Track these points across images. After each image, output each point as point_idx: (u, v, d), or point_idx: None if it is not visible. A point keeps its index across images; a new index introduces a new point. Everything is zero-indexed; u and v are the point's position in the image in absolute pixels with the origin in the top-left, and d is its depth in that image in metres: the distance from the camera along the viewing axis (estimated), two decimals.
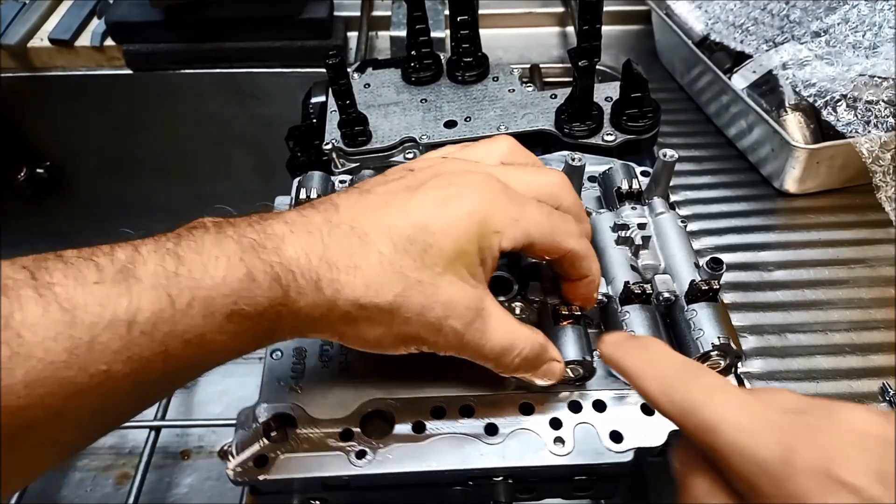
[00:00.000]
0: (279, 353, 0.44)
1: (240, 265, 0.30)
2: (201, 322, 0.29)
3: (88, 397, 0.28)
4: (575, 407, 0.41)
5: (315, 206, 0.34)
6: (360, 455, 0.39)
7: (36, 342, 0.26)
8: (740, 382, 0.43)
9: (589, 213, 0.49)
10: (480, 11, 0.71)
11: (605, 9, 0.52)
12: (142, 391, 0.30)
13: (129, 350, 0.28)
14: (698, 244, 0.59)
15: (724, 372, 0.42)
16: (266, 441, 0.39)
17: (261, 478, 0.38)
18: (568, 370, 0.41)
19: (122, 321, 0.28)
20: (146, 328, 0.28)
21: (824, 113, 0.61)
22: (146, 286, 0.28)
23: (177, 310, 0.29)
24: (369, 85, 0.65)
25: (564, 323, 0.42)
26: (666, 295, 0.43)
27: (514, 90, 0.63)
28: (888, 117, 0.59)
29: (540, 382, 0.38)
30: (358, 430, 0.40)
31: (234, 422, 0.40)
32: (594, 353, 0.43)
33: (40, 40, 0.87)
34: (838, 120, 0.60)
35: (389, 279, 0.32)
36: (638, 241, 0.45)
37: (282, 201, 0.51)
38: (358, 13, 0.89)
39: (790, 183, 0.63)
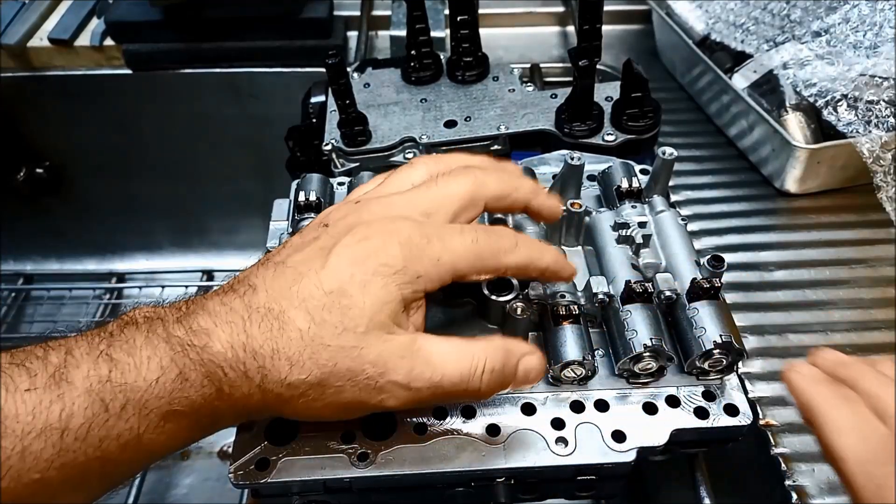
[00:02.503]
0: None
1: (171, 366, 0.30)
2: (137, 424, 0.29)
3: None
4: (577, 407, 0.41)
5: (236, 290, 0.33)
6: (362, 457, 0.39)
7: None
8: (741, 382, 0.43)
9: (589, 213, 0.49)
10: (480, 11, 0.71)
11: (606, 8, 0.52)
12: (79, 494, 0.30)
13: (63, 457, 0.28)
14: (699, 244, 0.59)
15: (726, 370, 0.42)
16: (267, 443, 0.39)
17: (262, 480, 0.38)
18: (570, 370, 0.41)
19: (54, 429, 0.28)
20: (80, 434, 0.28)
21: (825, 113, 0.61)
22: (79, 392, 0.28)
23: (111, 414, 0.29)
24: (369, 85, 0.65)
25: (564, 323, 0.42)
26: (667, 293, 0.43)
27: (514, 90, 0.62)
28: (889, 117, 0.59)
29: (527, 385, 0.37)
30: (359, 432, 0.40)
31: None
32: (595, 351, 0.43)
33: (40, 40, 0.87)
34: (839, 120, 0.60)
35: (311, 354, 0.31)
36: (639, 239, 0.45)
37: (279, 205, 0.51)
38: (358, 13, 0.89)
39: (791, 183, 0.63)
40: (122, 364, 0.30)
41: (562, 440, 0.40)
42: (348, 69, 0.65)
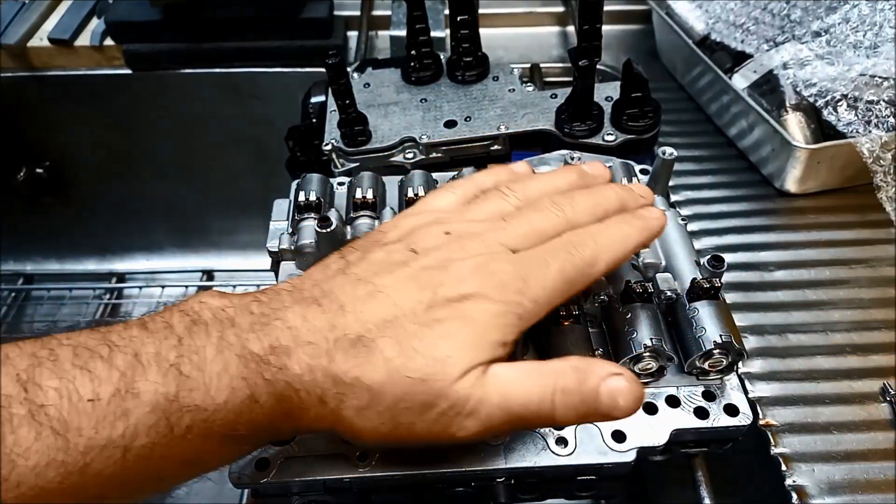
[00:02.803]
0: None
1: (242, 386, 0.29)
2: (199, 445, 0.29)
3: None
4: None
5: (320, 304, 0.32)
6: (362, 457, 0.39)
7: (28, 468, 0.25)
8: (741, 382, 0.43)
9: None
10: (480, 11, 0.71)
11: (606, 8, 0.52)
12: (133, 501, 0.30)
13: (124, 475, 0.27)
14: (699, 244, 0.59)
15: (727, 370, 0.42)
16: (267, 444, 0.39)
17: (262, 480, 0.38)
18: None
19: (117, 447, 0.27)
20: (143, 453, 0.27)
21: (825, 113, 0.61)
22: (145, 410, 0.27)
23: (175, 435, 0.28)
24: (369, 84, 0.65)
25: (564, 323, 0.42)
26: (667, 293, 0.43)
27: (514, 90, 0.62)
28: (889, 117, 0.59)
29: (618, 413, 0.31)
30: None
31: None
32: (595, 351, 0.43)
33: (40, 40, 0.87)
34: (839, 120, 0.60)
35: (392, 384, 0.30)
36: None
37: (279, 205, 0.51)
38: (358, 13, 0.89)
39: (791, 183, 0.63)
40: (192, 382, 0.28)
41: (562, 440, 0.40)
42: (348, 69, 0.65)
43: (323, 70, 0.54)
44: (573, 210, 0.36)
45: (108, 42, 0.87)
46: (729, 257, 0.45)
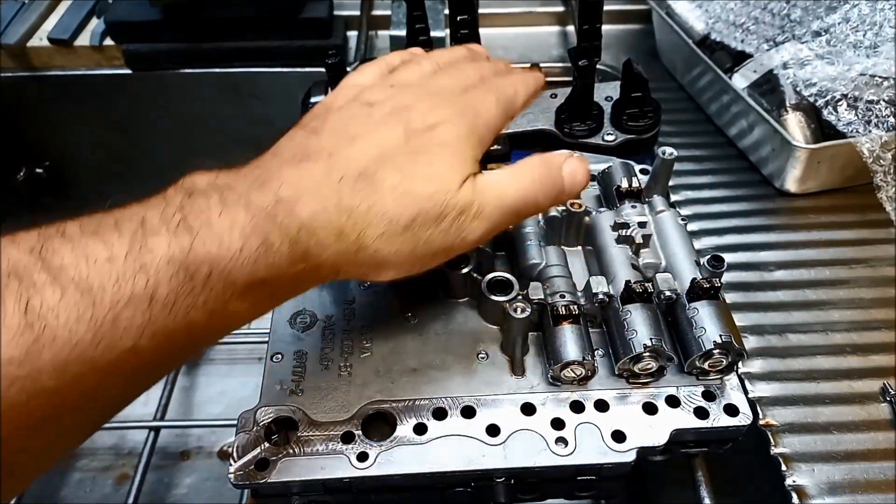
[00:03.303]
0: (279, 356, 0.44)
1: (254, 233, 0.30)
2: (222, 292, 0.29)
3: (116, 375, 0.28)
4: (577, 407, 0.41)
5: (309, 158, 0.34)
6: (362, 457, 0.39)
7: (59, 325, 0.26)
8: (741, 382, 0.43)
9: (589, 213, 0.49)
10: (480, 11, 0.71)
11: (606, 8, 0.52)
12: (167, 361, 0.31)
13: (153, 325, 0.28)
14: (699, 244, 0.59)
15: (726, 370, 0.42)
16: (267, 444, 0.39)
17: (262, 481, 0.38)
18: (569, 370, 0.41)
19: (142, 297, 0.27)
20: (167, 302, 0.28)
21: (825, 112, 0.61)
22: (162, 262, 0.28)
23: (196, 283, 0.29)
24: None
25: (564, 323, 0.42)
26: (667, 293, 0.43)
27: None
28: (889, 117, 0.59)
29: (578, 186, 0.38)
30: (359, 432, 0.40)
31: (233, 422, 0.40)
32: (595, 351, 0.43)
33: (39, 40, 0.87)
34: (839, 119, 0.60)
35: (404, 205, 0.33)
36: (638, 239, 0.46)
37: None
38: (358, 12, 0.89)
39: (791, 183, 0.63)
40: (203, 234, 0.29)
41: (562, 440, 0.40)
42: (348, 69, 0.65)
43: (323, 70, 0.54)
44: (480, 67, 0.42)
45: (108, 42, 0.86)
46: (729, 257, 0.45)
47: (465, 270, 0.45)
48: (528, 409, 0.41)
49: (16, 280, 0.26)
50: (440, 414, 0.41)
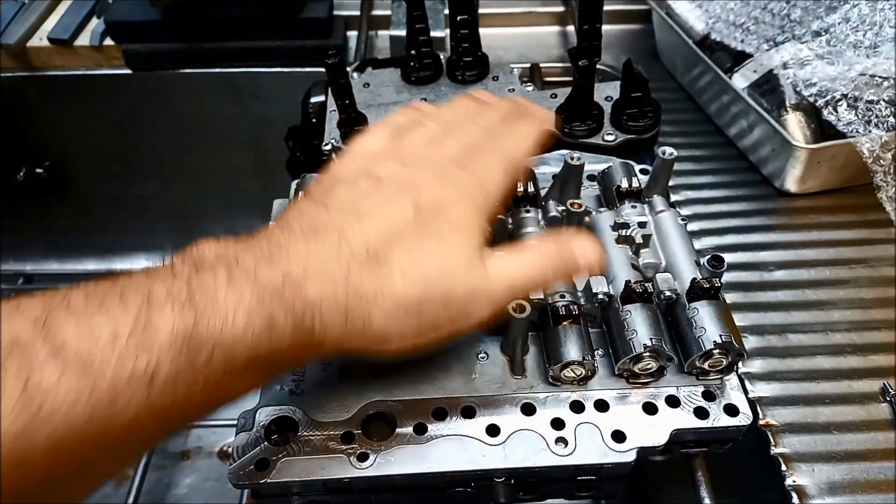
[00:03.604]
0: None
1: (259, 312, 0.30)
2: (221, 371, 0.29)
3: (109, 451, 0.28)
4: (577, 407, 0.41)
5: (318, 234, 0.34)
6: (362, 457, 0.39)
7: (58, 403, 0.25)
8: (741, 382, 0.43)
9: (589, 213, 0.49)
10: (480, 11, 0.71)
11: (606, 8, 0.52)
12: (158, 437, 0.31)
13: (151, 403, 0.28)
14: (699, 244, 0.59)
15: (726, 370, 0.42)
16: (267, 444, 0.39)
17: (262, 481, 0.38)
18: (570, 370, 0.41)
19: (143, 376, 0.27)
20: (168, 381, 0.28)
21: (825, 112, 0.61)
22: (164, 343, 0.28)
23: (198, 362, 0.29)
24: (369, 84, 0.64)
25: (564, 323, 0.42)
26: (667, 293, 0.43)
27: (514, 90, 0.62)
28: (889, 117, 0.59)
29: (592, 267, 0.39)
30: (359, 432, 0.40)
31: (233, 422, 0.40)
32: (595, 351, 0.43)
33: (39, 40, 0.87)
34: (839, 119, 0.60)
35: (413, 288, 0.33)
36: (638, 239, 0.45)
37: (280, 204, 0.51)
38: (358, 12, 0.89)
39: (791, 183, 0.63)
40: (208, 314, 0.29)
41: (562, 440, 0.40)
42: (348, 69, 0.65)
43: (323, 70, 0.54)
44: (486, 122, 0.42)
45: (108, 42, 0.87)
46: (729, 257, 0.45)
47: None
48: (528, 409, 0.41)
49: (18, 353, 0.26)
50: (440, 414, 0.41)
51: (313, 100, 0.65)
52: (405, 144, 0.40)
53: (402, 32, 0.64)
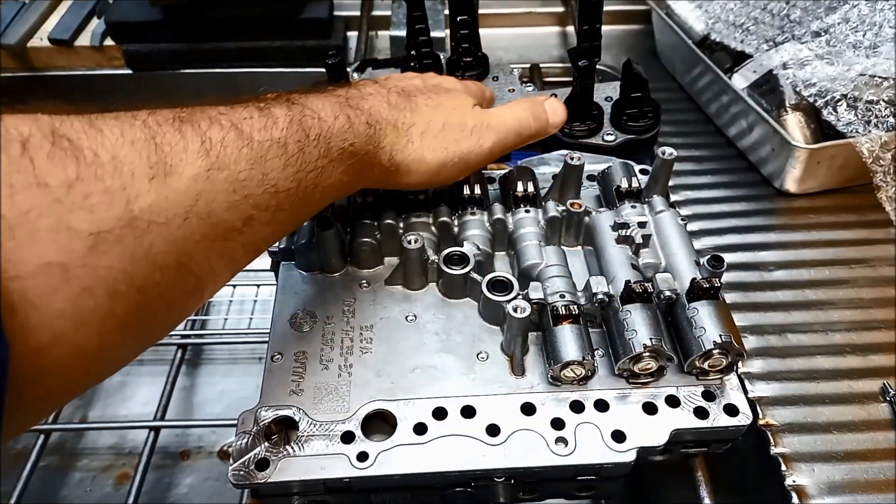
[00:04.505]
0: (279, 356, 0.44)
1: (341, 113, 0.39)
2: (325, 155, 0.37)
3: (263, 210, 0.34)
4: (577, 407, 0.41)
5: (361, 85, 0.44)
6: (362, 457, 0.39)
7: (227, 156, 0.32)
8: (741, 382, 0.43)
9: (589, 213, 0.49)
10: (480, 11, 0.71)
11: (605, 8, 0.52)
12: (292, 213, 0.37)
13: (287, 170, 0.35)
14: (699, 244, 0.59)
15: (726, 370, 0.42)
16: (267, 444, 0.39)
17: (262, 480, 0.38)
18: (569, 370, 0.41)
19: (279, 143, 0.35)
20: (294, 152, 0.35)
21: (825, 113, 0.61)
22: (285, 121, 0.36)
23: (309, 141, 0.36)
24: None
25: (564, 323, 0.42)
26: (667, 293, 0.43)
27: (513, 90, 0.62)
28: (888, 117, 0.59)
29: (557, 120, 0.50)
30: (359, 432, 0.40)
31: (233, 422, 0.40)
32: (595, 351, 0.43)
33: (40, 40, 0.87)
34: (839, 120, 0.60)
35: (435, 116, 0.44)
36: (638, 239, 0.45)
37: None
38: (358, 13, 0.89)
39: (790, 183, 0.63)
40: (307, 110, 0.37)
41: (562, 440, 0.40)
42: (348, 69, 0.65)
43: (323, 70, 0.54)
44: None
45: (108, 42, 0.87)
46: (729, 257, 0.46)
47: (464, 270, 0.45)
48: (528, 409, 0.41)
49: (187, 123, 0.33)
50: (440, 414, 0.41)
51: None
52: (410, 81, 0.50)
53: (402, 33, 0.64)
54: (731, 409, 0.41)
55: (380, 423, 0.41)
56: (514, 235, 0.49)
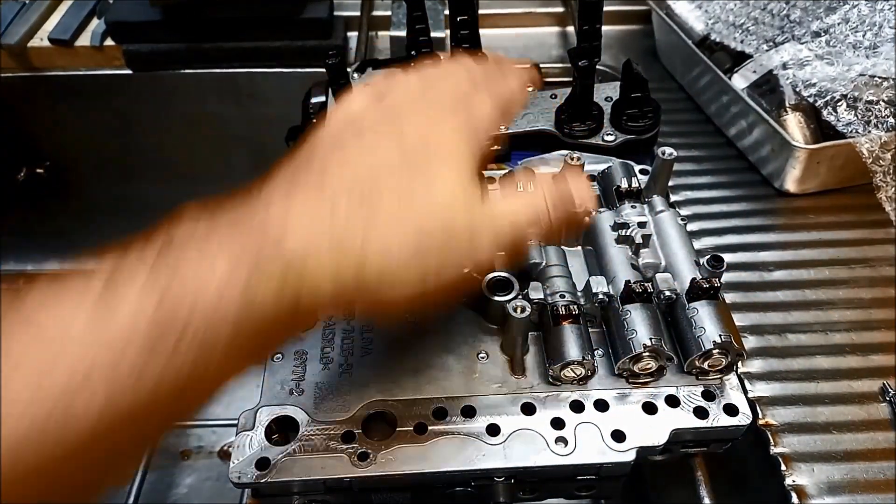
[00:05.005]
0: (280, 355, 0.44)
1: (235, 280, 0.27)
2: (199, 354, 0.27)
3: (72, 466, 0.26)
4: (577, 406, 0.41)
5: (297, 183, 0.31)
6: (362, 457, 0.39)
7: (11, 416, 0.24)
8: (741, 382, 0.43)
9: (589, 213, 0.49)
10: (480, 11, 0.71)
11: (605, 9, 0.52)
12: (130, 448, 0.29)
13: (115, 405, 0.25)
14: (698, 244, 0.59)
15: (726, 370, 0.42)
16: (267, 444, 0.39)
17: (262, 480, 0.38)
18: (569, 370, 0.41)
19: (101, 376, 0.25)
20: (132, 378, 0.26)
21: (824, 113, 0.61)
22: (125, 328, 0.25)
23: (165, 352, 0.26)
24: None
25: (564, 322, 0.42)
26: (667, 293, 0.43)
27: None
28: (888, 117, 0.59)
29: (588, 204, 0.36)
30: (359, 431, 0.40)
31: (234, 422, 0.40)
32: (595, 351, 0.43)
33: (40, 40, 0.87)
34: (838, 120, 0.60)
35: (407, 223, 0.30)
36: (638, 239, 0.46)
37: None
38: (358, 13, 0.89)
39: (790, 183, 0.63)
40: (175, 290, 0.26)
41: (561, 440, 0.40)
42: (348, 69, 0.65)
43: (323, 70, 0.54)
44: (470, 72, 0.38)
45: (109, 42, 0.87)
46: (729, 257, 0.46)
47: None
48: (528, 409, 0.41)
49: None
50: (440, 414, 0.41)
51: (314, 100, 0.65)
52: (388, 102, 0.37)
53: (403, 33, 0.64)
54: (730, 409, 0.41)
55: (380, 423, 0.41)
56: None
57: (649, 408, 0.41)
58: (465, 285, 0.33)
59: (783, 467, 0.45)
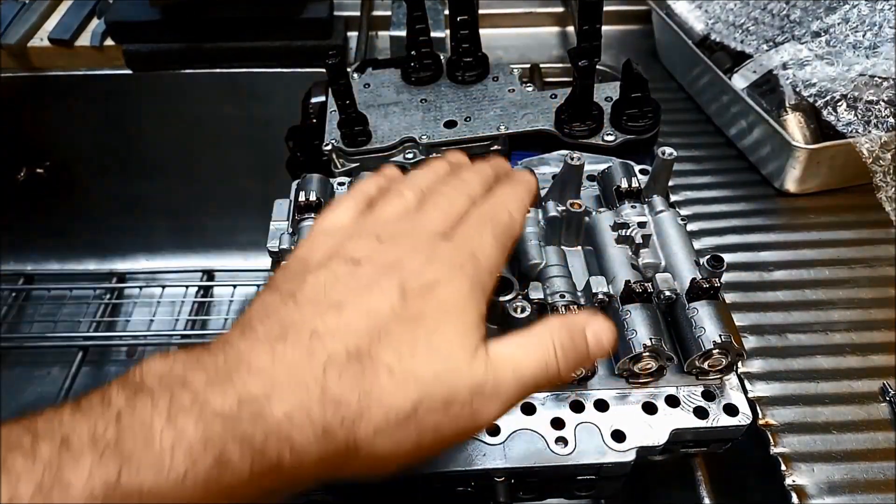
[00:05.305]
0: None
1: (205, 451, 0.24)
2: None
3: None
4: (577, 406, 0.41)
5: (286, 337, 0.28)
6: None
7: None
8: (741, 382, 0.43)
9: (588, 213, 0.49)
10: (480, 11, 0.71)
11: (605, 9, 0.52)
12: None
13: None
14: (698, 244, 0.59)
15: (726, 370, 0.42)
16: None
17: None
18: None
19: None
20: None
21: (824, 113, 0.61)
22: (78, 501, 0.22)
23: None
24: (369, 85, 0.65)
25: None
26: (667, 293, 0.43)
27: (514, 90, 0.63)
28: (888, 117, 0.59)
29: (605, 350, 0.33)
30: None
31: None
32: None
33: (40, 40, 0.87)
34: (838, 120, 0.60)
35: (405, 391, 0.28)
36: (638, 239, 0.46)
37: (280, 204, 0.51)
38: (358, 13, 0.89)
39: (790, 183, 0.63)
40: (137, 460, 0.23)
41: (561, 440, 0.40)
42: (348, 69, 0.65)
43: (323, 70, 0.54)
44: (468, 187, 0.36)
45: (109, 42, 0.87)
46: (729, 257, 0.46)
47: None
48: (528, 409, 0.41)
49: None
50: None
51: (314, 100, 0.65)
52: (378, 216, 0.35)
53: (403, 33, 0.64)
54: (730, 409, 0.41)
55: None
56: None
57: (649, 408, 0.41)
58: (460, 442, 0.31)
59: (783, 467, 0.45)
